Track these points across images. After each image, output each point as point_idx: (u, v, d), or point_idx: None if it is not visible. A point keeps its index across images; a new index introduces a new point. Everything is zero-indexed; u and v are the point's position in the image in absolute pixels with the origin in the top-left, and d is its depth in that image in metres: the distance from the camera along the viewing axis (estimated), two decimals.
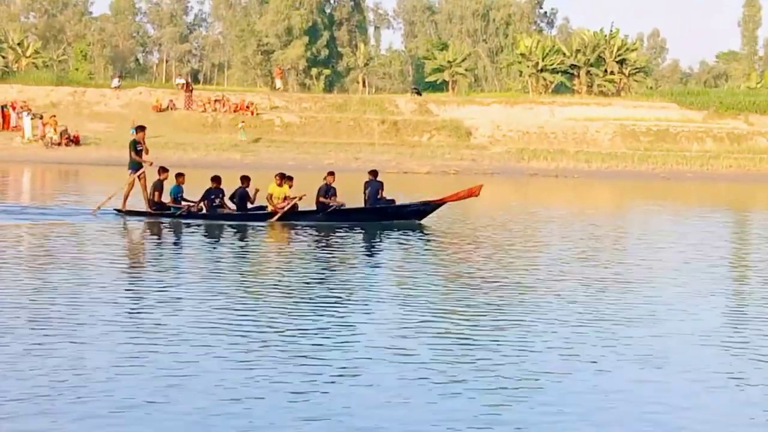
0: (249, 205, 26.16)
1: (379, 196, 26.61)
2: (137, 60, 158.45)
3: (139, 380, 9.35)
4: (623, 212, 37.38)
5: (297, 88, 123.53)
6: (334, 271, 17.74)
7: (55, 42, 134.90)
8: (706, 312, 13.94)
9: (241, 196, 25.98)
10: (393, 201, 27.05)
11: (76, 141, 69.88)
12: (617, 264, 19.82)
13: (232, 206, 26.18)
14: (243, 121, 76.19)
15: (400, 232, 24.39)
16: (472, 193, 26.77)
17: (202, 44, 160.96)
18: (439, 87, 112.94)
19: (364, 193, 26.84)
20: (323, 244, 22.14)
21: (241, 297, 14.25)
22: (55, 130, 69.55)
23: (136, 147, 26.47)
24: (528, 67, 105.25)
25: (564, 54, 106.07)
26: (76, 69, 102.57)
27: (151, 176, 26.60)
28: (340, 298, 14.29)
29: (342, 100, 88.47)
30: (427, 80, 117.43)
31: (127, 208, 26.36)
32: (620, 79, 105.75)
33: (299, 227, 24.97)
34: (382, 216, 26.40)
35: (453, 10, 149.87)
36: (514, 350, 10.99)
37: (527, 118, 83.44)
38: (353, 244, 22.79)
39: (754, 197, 49.32)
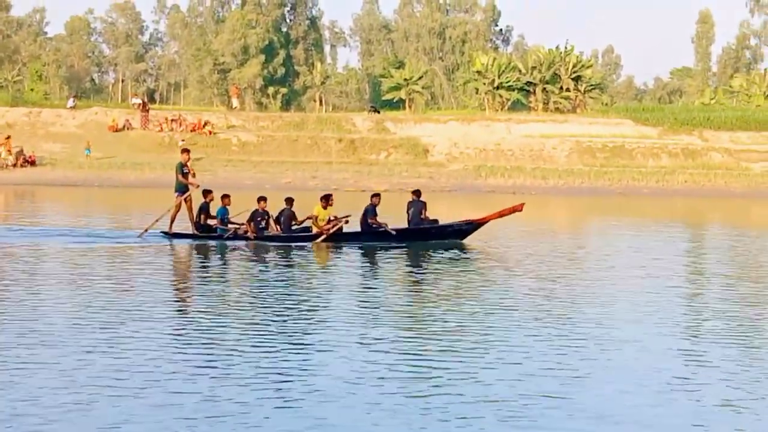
0: (294, 226, 26.13)
1: (422, 216, 26.45)
2: (93, 80, 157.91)
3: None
4: (582, 228, 37.55)
5: (254, 107, 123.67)
6: (379, 291, 17.89)
7: (9, 62, 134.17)
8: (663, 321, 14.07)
9: (287, 218, 25.96)
10: (436, 221, 26.89)
11: (32, 162, 69.47)
12: (579, 279, 19.91)
13: (277, 228, 26.06)
14: (183, 140, 76.02)
15: (442, 253, 24.28)
16: (515, 210, 26.81)
17: (158, 64, 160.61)
18: (395, 105, 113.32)
19: (408, 213, 26.71)
20: (368, 265, 22.43)
21: (289, 319, 14.28)
22: (9, 151, 69.14)
23: (183, 170, 26.49)
24: (484, 84, 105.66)
25: (520, 71, 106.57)
26: (32, 89, 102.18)
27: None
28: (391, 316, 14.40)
29: (299, 118, 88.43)
30: (383, 98, 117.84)
31: (174, 230, 26.36)
32: (576, 96, 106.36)
33: (344, 248, 25.01)
34: (426, 236, 26.30)
35: (409, 28, 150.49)
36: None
37: (484, 136, 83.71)
38: (399, 265, 22.69)
39: (710, 212, 49.65)
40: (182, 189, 26.36)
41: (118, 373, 10.52)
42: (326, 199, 26.10)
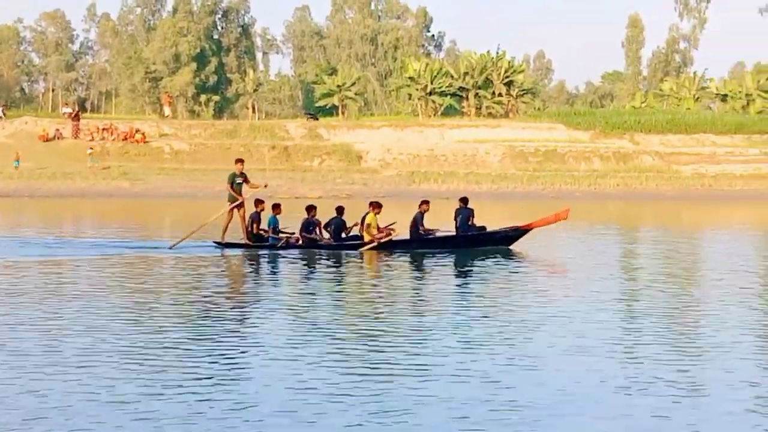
0: (343, 235, 26.04)
1: (470, 223, 26.33)
2: (23, 89, 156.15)
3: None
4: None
5: (186, 115, 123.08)
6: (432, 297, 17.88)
7: None
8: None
9: (337, 226, 25.84)
10: (484, 228, 26.77)
11: None
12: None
13: (327, 236, 26.05)
14: (92, 148, 75.52)
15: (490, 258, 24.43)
16: (560, 217, 26.85)
17: (89, 72, 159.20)
18: (328, 111, 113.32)
19: (455, 220, 26.47)
20: (418, 272, 22.48)
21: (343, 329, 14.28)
22: None
23: (235, 180, 26.35)
24: (417, 90, 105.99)
25: (452, 77, 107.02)
26: None
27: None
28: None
29: (232, 126, 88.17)
30: (317, 105, 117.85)
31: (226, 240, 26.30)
32: (508, 101, 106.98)
33: (394, 255, 24.92)
34: (474, 243, 26.26)
35: (341, 34, 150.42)
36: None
37: (417, 141, 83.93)
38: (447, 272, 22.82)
39: (641, 215, 49.97)
40: (234, 199, 26.18)
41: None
42: (378, 206, 25.97)
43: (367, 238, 25.66)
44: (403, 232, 26.06)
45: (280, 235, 25.88)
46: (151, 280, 20.08)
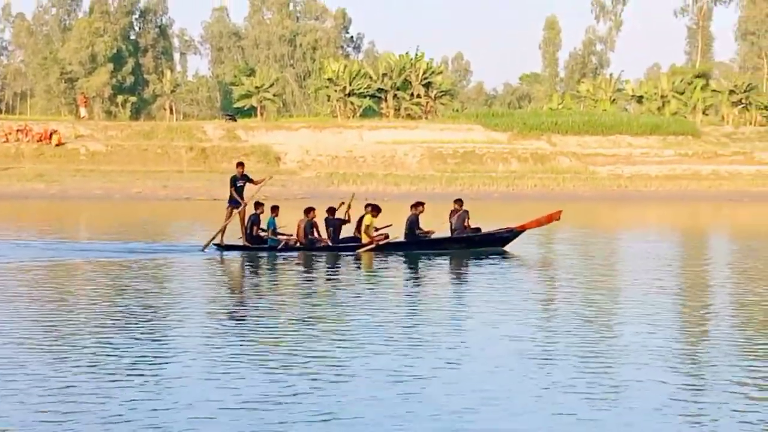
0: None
1: (465, 225, 26.70)
2: None
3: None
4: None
5: (102, 116, 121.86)
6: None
7: None
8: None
9: (334, 227, 26.16)
10: (479, 229, 27.21)
11: None
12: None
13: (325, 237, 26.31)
14: None
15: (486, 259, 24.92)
16: (552, 218, 27.36)
17: (4, 73, 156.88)
18: (247, 113, 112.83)
19: (450, 221, 26.91)
20: (417, 274, 22.78)
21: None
22: None
23: (236, 183, 26.69)
24: (336, 91, 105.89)
25: (371, 78, 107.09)
26: None
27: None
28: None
29: (149, 127, 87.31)
30: (235, 106, 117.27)
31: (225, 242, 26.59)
32: (427, 102, 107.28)
33: (391, 257, 25.29)
34: (470, 244, 26.64)
35: (260, 35, 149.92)
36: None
37: (336, 143, 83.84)
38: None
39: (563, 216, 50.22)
40: (235, 202, 26.56)
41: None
42: (377, 209, 26.33)
43: (365, 239, 26.05)
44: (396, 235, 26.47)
45: (279, 237, 26.16)
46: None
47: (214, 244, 26.44)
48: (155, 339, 13.48)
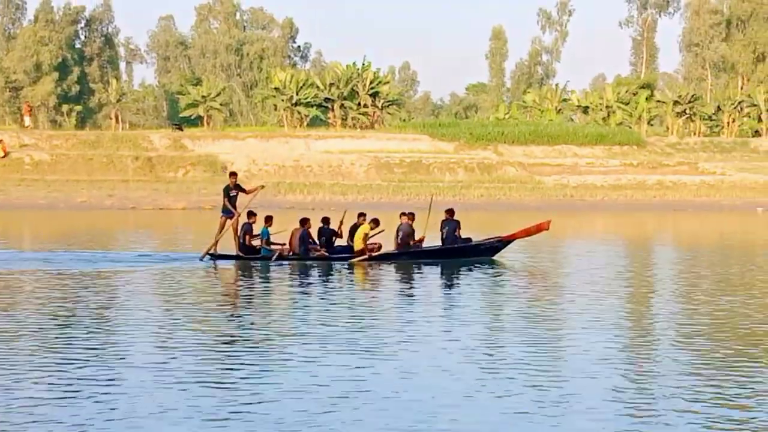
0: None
1: (456, 235, 27.00)
2: None
3: None
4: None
5: (47, 125, 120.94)
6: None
7: None
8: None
9: (328, 237, 26.49)
10: (470, 239, 27.63)
11: None
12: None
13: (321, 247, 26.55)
14: None
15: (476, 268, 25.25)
16: (542, 228, 27.50)
17: None
18: (193, 122, 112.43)
19: (441, 231, 27.16)
20: (410, 283, 23.12)
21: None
22: None
23: (229, 193, 27.07)
24: (283, 101, 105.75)
25: (318, 88, 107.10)
26: None
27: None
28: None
29: (94, 136, 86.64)
30: (181, 115, 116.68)
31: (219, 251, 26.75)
32: (374, 112, 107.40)
33: (383, 266, 25.59)
34: (461, 254, 26.94)
35: (206, 44, 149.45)
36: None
37: (283, 152, 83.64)
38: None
39: (506, 225, 50.39)
40: (228, 212, 26.90)
41: None
42: (375, 221, 26.55)
43: (357, 248, 26.31)
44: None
45: (272, 246, 26.26)
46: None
47: (208, 254, 26.60)
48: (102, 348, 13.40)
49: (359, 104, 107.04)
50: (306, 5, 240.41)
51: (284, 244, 26.32)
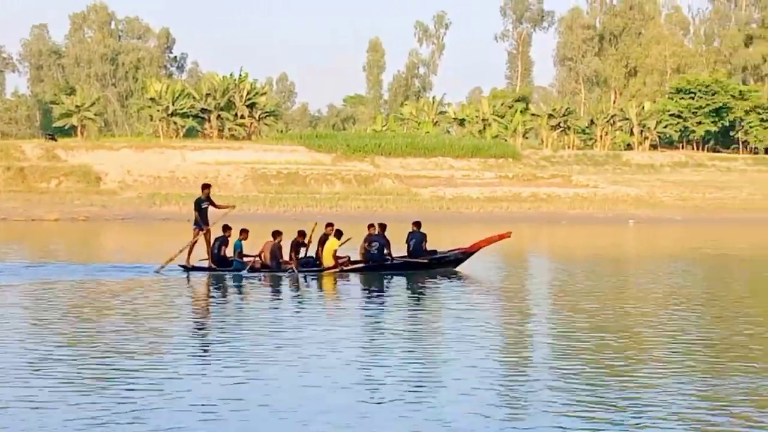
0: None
1: (422, 247, 27.45)
2: None
3: None
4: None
5: None
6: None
7: None
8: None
9: (297, 250, 26.56)
10: (435, 252, 27.95)
11: None
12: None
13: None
14: None
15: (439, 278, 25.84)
16: (503, 237, 28.28)
17: None
18: (67, 132, 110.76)
19: (408, 243, 27.64)
20: (379, 293, 23.32)
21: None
22: None
23: (200, 205, 26.93)
24: (158, 111, 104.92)
25: (194, 98, 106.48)
26: None
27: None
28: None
29: None
30: (55, 125, 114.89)
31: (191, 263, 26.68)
32: (251, 123, 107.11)
33: (351, 277, 26.06)
34: (427, 266, 27.32)
35: (80, 54, 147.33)
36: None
37: (158, 163, 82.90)
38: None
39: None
40: (198, 224, 26.82)
41: None
42: (339, 234, 26.84)
43: (327, 261, 26.56)
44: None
45: (245, 259, 26.43)
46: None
47: (180, 265, 26.46)
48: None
49: (236, 115, 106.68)
50: (182, 16, 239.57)
51: (256, 257, 26.50)
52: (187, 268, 26.46)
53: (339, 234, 26.86)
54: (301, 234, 26.57)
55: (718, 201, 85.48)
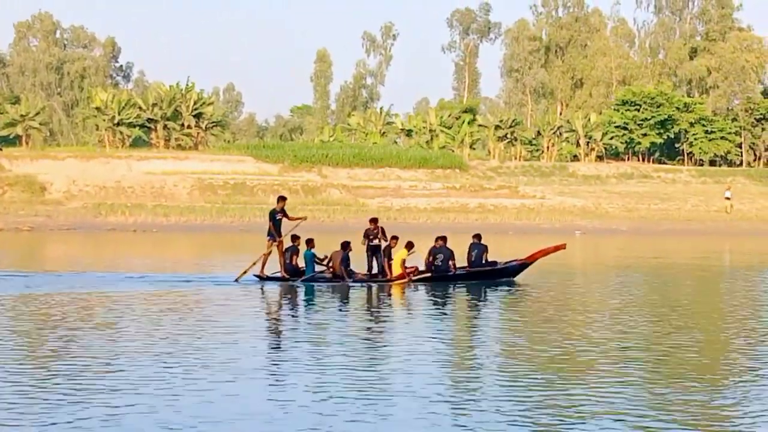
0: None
1: (483, 258, 28.87)
2: None
3: None
4: (214, 266, 37.41)
5: None
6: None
7: None
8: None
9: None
10: (496, 263, 29.29)
11: None
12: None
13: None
14: None
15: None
16: (558, 248, 30.21)
17: None
18: (12, 141, 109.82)
19: (469, 254, 29.04)
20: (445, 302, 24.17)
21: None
22: None
23: (275, 217, 28.01)
24: (104, 121, 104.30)
25: (140, 108, 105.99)
26: None
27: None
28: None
29: None
30: None
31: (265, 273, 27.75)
32: (197, 133, 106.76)
33: (419, 288, 26.94)
34: (489, 276, 28.71)
35: (25, 62, 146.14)
36: None
37: (104, 173, 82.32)
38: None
39: (329, 246, 50.55)
40: (272, 235, 27.81)
41: None
42: (410, 245, 28.19)
43: (398, 271, 27.84)
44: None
45: (316, 268, 27.67)
46: None
47: (255, 275, 27.55)
48: None
49: (183, 125, 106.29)
50: (128, 25, 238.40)
51: (327, 264, 27.74)
52: (262, 278, 27.51)
53: (410, 246, 28.11)
54: (373, 221, 29.17)
55: (663, 212, 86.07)
